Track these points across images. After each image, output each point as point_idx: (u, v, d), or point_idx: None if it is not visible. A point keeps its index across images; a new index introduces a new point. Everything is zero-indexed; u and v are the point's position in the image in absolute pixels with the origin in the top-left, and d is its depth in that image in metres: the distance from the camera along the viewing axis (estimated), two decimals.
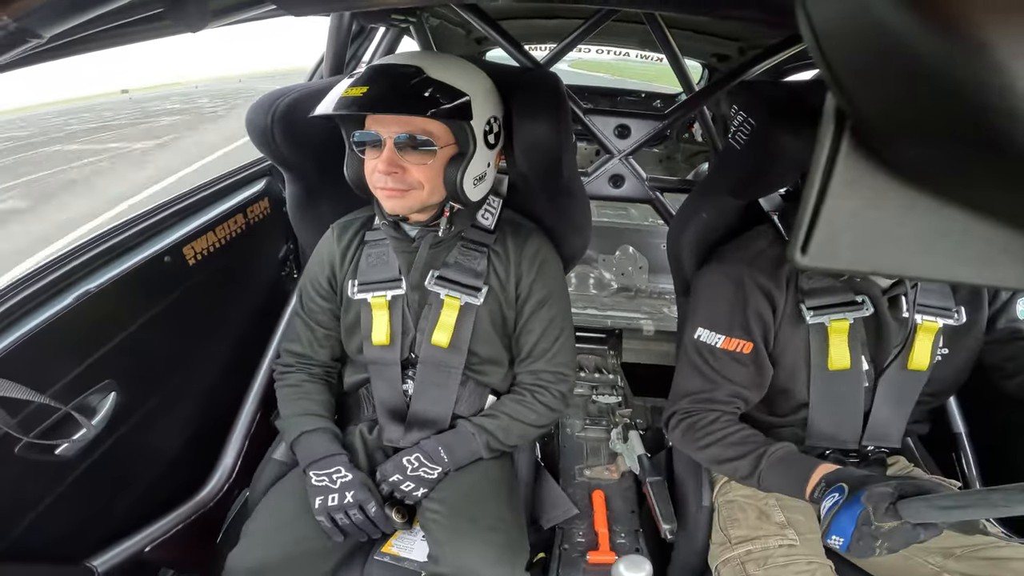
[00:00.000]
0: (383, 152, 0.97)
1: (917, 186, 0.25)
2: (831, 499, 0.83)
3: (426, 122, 0.97)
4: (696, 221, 1.19)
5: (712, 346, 1.04)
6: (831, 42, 0.23)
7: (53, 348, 1.00)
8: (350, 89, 0.93)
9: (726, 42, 2.41)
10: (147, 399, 1.21)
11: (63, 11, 0.43)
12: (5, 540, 0.94)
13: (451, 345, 1.11)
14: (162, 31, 0.65)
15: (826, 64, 0.23)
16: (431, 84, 0.93)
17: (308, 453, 1.09)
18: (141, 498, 1.23)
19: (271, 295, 1.63)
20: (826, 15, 0.22)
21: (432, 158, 0.99)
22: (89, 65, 2.35)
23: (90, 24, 0.48)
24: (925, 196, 0.25)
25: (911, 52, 0.18)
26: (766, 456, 0.97)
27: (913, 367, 1.04)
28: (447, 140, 0.99)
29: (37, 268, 1.04)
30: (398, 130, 0.96)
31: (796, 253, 0.27)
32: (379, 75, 0.94)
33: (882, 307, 1.02)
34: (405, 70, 0.94)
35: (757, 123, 0.95)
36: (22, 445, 0.93)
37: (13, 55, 0.42)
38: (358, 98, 0.91)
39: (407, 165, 0.98)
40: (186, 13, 0.61)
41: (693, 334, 1.07)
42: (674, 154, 3.48)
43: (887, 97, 0.21)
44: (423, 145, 0.97)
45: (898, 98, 0.21)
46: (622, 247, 2.61)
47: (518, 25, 2.39)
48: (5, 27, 0.38)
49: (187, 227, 1.31)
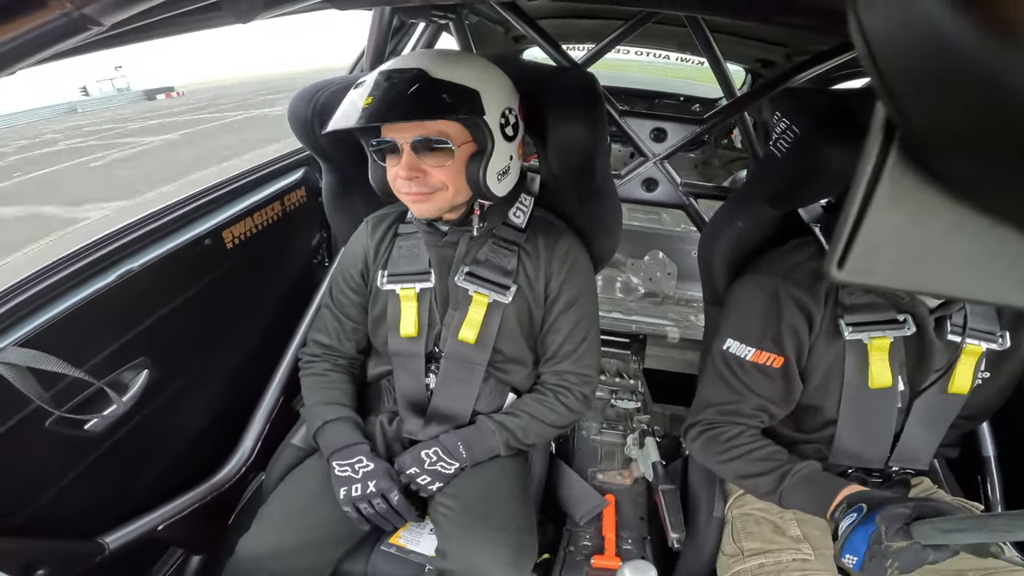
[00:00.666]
0: (402, 158, 0.97)
1: (967, 203, 0.24)
2: (849, 518, 0.84)
3: (440, 123, 0.95)
4: (731, 229, 1.16)
5: (741, 358, 1.02)
6: (883, 49, 0.22)
7: (93, 324, 1.02)
8: (360, 100, 0.92)
9: (772, 47, 2.34)
10: (176, 378, 1.23)
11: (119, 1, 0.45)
12: (24, 514, 0.96)
13: (477, 342, 1.11)
14: (215, 21, 0.68)
15: (877, 72, 0.22)
16: (436, 85, 0.91)
17: (331, 442, 1.11)
18: (160, 477, 1.26)
19: (302, 282, 1.67)
20: (879, 21, 0.21)
21: (451, 158, 0.97)
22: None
23: (148, 13, 0.50)
24: (975, 214, 0.24)
25: (968, 60, 0.17)
26: (791, 474, 0.95)
27: (953, 391, 1.00)
28: (464, 138, 0.98)
29: (85, 245, 1.08)
30: (412, 134, 0.95)
31: (832, 267, 0.26)
32: (383, 83, 0.92)
33: (927, 327, 0.98)
34: (407, 74, 0.91)
35: (801, 131, 0.92)
36: (53, 419, 0.95)
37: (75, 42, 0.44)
38: (365, 110, 0.90)
39: (427, 168, 0.97)
40: (238, 3, 0.63)
41: (722, 345, 1.05)
42: (711, 160, 3.41)
43: (941, 108, 0.21)
44: (439, 146, 0.96)
45: (953, 109, 0.20)
46: (652, 252, 2.57)
47: (556, 24, 2.38)
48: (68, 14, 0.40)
49: (227, 212, 1.36)
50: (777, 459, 0.99)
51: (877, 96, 0.24)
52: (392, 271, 1.15)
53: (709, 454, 1.05)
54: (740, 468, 1.01)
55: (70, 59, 0.57)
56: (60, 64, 0.56)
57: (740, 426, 1.03)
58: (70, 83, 33.00)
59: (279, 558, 1.00)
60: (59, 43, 0.43)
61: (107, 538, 1.11)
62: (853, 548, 0.80)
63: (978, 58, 0.17)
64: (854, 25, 0.23)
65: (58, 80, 31.94)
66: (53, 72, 2.53)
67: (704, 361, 1.28)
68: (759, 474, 0.98)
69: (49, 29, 0.40)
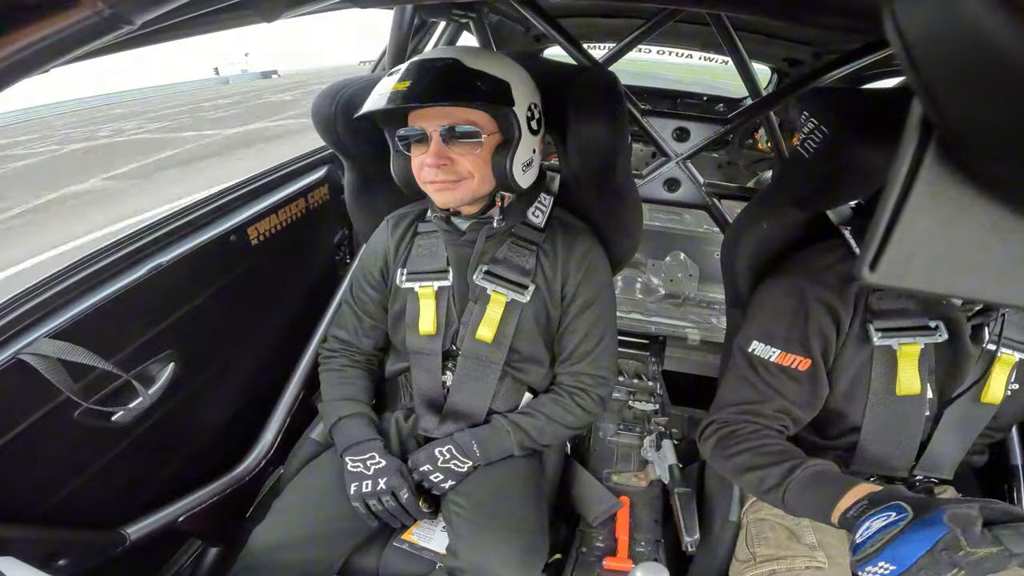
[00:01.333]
0: (430, 146, 0.98)
1: (1006, 206, 0.23)
2: (882, 519, 0.70)
3: (469, 112, 0.98)
4: (755, 231, 1.14)
5: (766, 360, 0.99)
6: (922, 47, 0.21)
7: (122, 317, 1.05)
8: (395, 84, 0.94)
9: (799, 46, 2.29)
10: (200, 372, 1.26)
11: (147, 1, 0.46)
12: (47, 504, 0.99)
13: (494, 341, 1.11)
14: (242, 20, 0.69)
15: (915, 71, 0.22)
16: (470, 73, 0.94)
17: (345, 438, 1.13)
18: (182, 469, 1.28)
19: (324, 278, 1.69)
20: (917, 19, 0.21)
21: (479, 147, 0.99)
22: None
23: (177, 12, 0.51)
24: (1014, 217, 0.23)
25: (1012, 59, 0.16)
26: (801, 467, 0.88)
27: (987, 400, 0.97)
28: (492, 128, 1.00)
29: (117, 240, 1.11)
30: (442, 122, 0.97)
31: (864, 269, 0.25)
32: (418, 70, 0.95)
33: (963, 334, 0.95)
34: (443, 62, 0.95)
35: (830, 131, 0.90)
36: (81, 411, 0.97)
37: (107, 40, 0.45)
38: (401, 92, 0.92)
39: (455, 156, 0.99)
40: (262, 3, 0.64)
41: (747, 346, 1.02)
42: (735, 160, 3.35)
43: (982, 107, 0.20)
44: (469, 136, 0.98)
45: (993, 108, 0.19)
46: (673, 253, 2.54)
47: (577, 23, 2.36)
48: (100, 13, 0.40)
49: (253, 209, 1.38)
50: (792, 454, 0.93)
51: (914, 95, 0.23)
52: (411, 269, 1.16)
53: (720, 451, 1.00)
54: (747, 461, 0.95)
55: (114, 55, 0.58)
56: (186, 50, 0.58)
57: (758, 425, 0.99)
58: (193, 65, 38.60)
59: (289, 549, 1.02)
60: (92, 41, 0.44)
61: (128, 529, 1.13)
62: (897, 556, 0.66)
63: (1020, 55, 0.16)
64: (890, 23, 0.22)
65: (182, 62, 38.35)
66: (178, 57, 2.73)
67: (725, 363, 1.25)
68: (766, 465, 0.92)
69: (82, 28, 0.41)
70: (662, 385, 2.05)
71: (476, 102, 0.95)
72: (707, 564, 1.15)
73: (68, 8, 0.39)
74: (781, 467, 0.90)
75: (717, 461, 1.03)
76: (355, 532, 1.09)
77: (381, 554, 1.10)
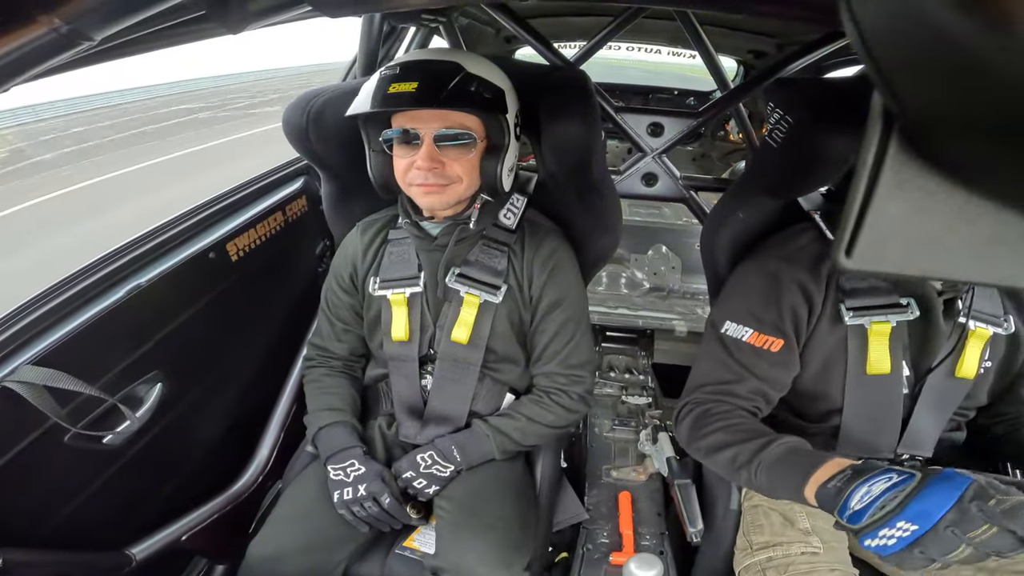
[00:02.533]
0: (422, 148, 0.98)
1: (970, 189, 0.24)
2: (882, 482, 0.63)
3: (464, 117, 0.99)
4: (732, 221, 1.16)
5: (739, 340, 1.00)
6: (877, 39, 0.21)
7: (104, 340, 1.03)
8: (397, 85, 0.93)
9: (763, 39, 2.34)
10: (190, 391, 1.24)
11: (112, 14, 0.45)
12: (50, 526, 0.98)
13: (470, 342, 1.12)
14: (205, 33, 0.68)
15: (872, 62, 0.22)
16: (474, 80, 0.95)
17: (326, 447, 1.13)
18: (180, 488, 1.27)
19: (308, 291, 1.67)
20: (871, 10, 0.21)
21: (471, 152, 1.01)
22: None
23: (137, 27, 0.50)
24: (979, 199, 0.24)
25: (962, 49, 0.17)
26: (776, 442, 0.85)
27: (961, 375, 0.99)
28: (482, 134, 1.02)
29: (92, 262, 1.09)
30: (438, 125, 0.97)
31: (840, 255, 0.26)
32: (422, 71, 0.95)
33: (935, 310, 0.97)
34: (447, 66, 0.95)
35: (794, 120, 0.92)
36: (71, 435, 0.96)
37: (65, 57, 0.44)
38: (411, 93, 0.92)
39: (446, 160, 0.99)
40: (228, 15, 0.63)
41: (720, 327, 1.03)
42: (709, 152, 3.40)
43: (938, 96, 0.20)
44: (462, 139, 0.99)
45: (949, 97, 0.20)
46: (655, 246, 2.57)
47: (548, 23, 2.38)
48: (57, 30, 0.39)
49: (230, 224, 1.36)
50: (765, 431, 0.90)
51: (873, 85, 0.24)
52: (384, 277, 1.17)
53: (695, 431, 0.98)
54: (721, 439, 0.92)
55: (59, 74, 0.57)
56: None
57: (732, 405, 0.99)
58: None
59: (287, 560, 1.02)
60: (51, 59, 0.43)
61: (133, 549, 1.12)
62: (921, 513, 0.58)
63: (972, 46, 0.17)
64: (846, 15, 0.22)
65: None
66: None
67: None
68: (740, 442, 0.89)
69: (40, 45, 0.40)
70: (653, 378, 2.07)
71: (479, 108, 0.97)
72: (713, 554, 1.16)
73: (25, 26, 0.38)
74: (754, 443, 0.87)
75: (692, 443, 1.00)
76: (350, 539, 1.09)
77: (385, 562, 1.11)
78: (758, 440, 0.87)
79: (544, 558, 1.24)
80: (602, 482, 1.57)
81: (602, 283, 2.50)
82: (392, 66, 0.97)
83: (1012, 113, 0.17)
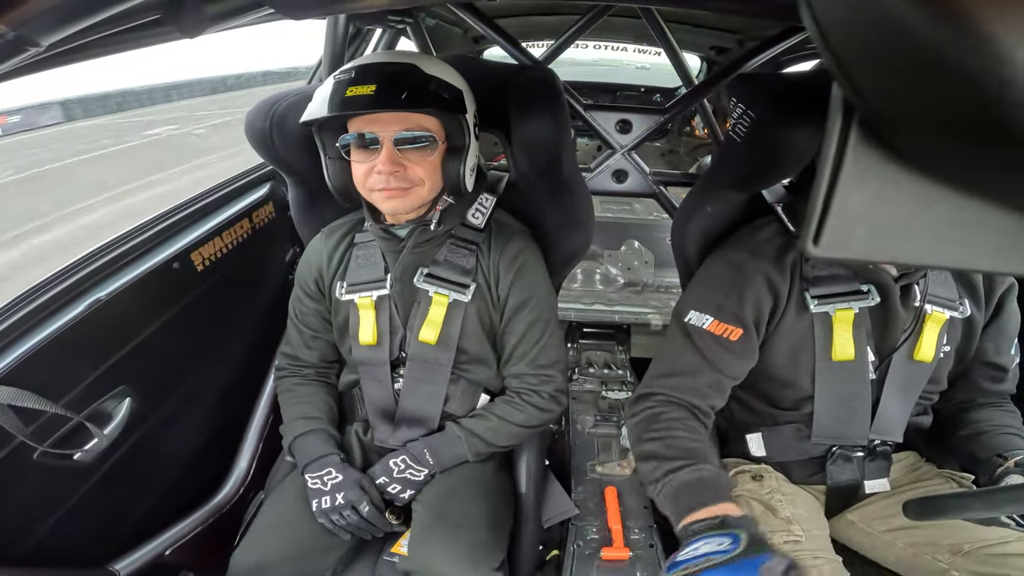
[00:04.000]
0: (382, 152, 0.96)
1: (929, 176, 0.25)
2: (713, 543, 0.70)
3: (423, 119, 0.98)
4: (700, 214, 1.18)
5: (700, 328, 1.01)
6: (836, 33, 0.22)
7: (67, 356, 1.01)
8: (354, 88, 0.90)
9: (725, 35, 2.39)
10: (161, 404, 1.22)
11: (61, 19, 0.43)
12: (29, 544, 0.96)
13: (439, 342, 1.11)
14: (160, 37, 0.65)
15: (831, 55, 0.23)
16: (432, 80, 0.94)
17: (303, 455, 1.12)
18: (160, 502, 1.25)
19: (279, 298, 1.63)
20: (830, 5, 0.22)
21: (432, 153, 1.00)
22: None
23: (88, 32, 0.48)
24: (937, 186, 0.25)
25: (918, 42, 0.18)
26: (690, 468, 0.87)
27: (919, 358, 1.02)
28: (442, 135, 1.01)
29: (49, 277, 1.05)
30: (398, 128, 0.96)
31: (808, 244, 0.27)
32: (378, 74, 0.92)
33: (892, 296, 1.00)
34: (404, 68, 0.94)
35: (756, 115, 0.94)
36: (39, 453, 0.94)
37: (11, 64, 0.42)
38: (370, 96, 0.89)
39: (407, 163, 0.98)
40: (183, 18, 0.61)
41: (684, 316, 1.04)
42: (676, 148, 3.46)
43: (894, 88, 0.21)
44: (422, 141, 0.98)
45: (906, 89, 0.20)
46: (627, 242, 2.60)
47: (517, 23, 2.38)
48: (3, 36, 0.38)
49: (194, 233, 1.32)
50: (695, 455, 0.90)
51: (833, 78, 0.24)
52: (350, 281, 1.15)
53: (640, 431, 0.98)
54: (653, 449, 0.93)
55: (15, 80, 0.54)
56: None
57: (686, 410, 0.99)
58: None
59: (270, 570, 1.01)
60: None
61: (117, 565, 1.11)
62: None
63: (927, 39, 0.17)
64: (805, 10, 0.23)
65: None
66: None
67: None
68: (666, 458, 0.90)
69: None
70: (632, 372, 2.10)
71: (439, 109, 0.96)
72: None
73: None
74: (674, 463, 0.89)
75: (635, 445, 1.01)
76: (334, 547, 1.08)
77: (373, 569, 1.10)
78: (678, 461, 0.88)
79: (535, 557, 1.24)
80: (587, 478, 1.58)
81: (577, 280, 2.52)
82: (347, 70, 0.94)
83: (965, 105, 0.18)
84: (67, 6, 0.43)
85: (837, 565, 0.98)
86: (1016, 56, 0.16)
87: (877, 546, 1.08)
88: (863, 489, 1.09)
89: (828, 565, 0.97)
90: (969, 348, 1.07)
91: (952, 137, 0.21)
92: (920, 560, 1.00)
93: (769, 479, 1.12)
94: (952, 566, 0.96)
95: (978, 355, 1.08)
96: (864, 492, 1.10)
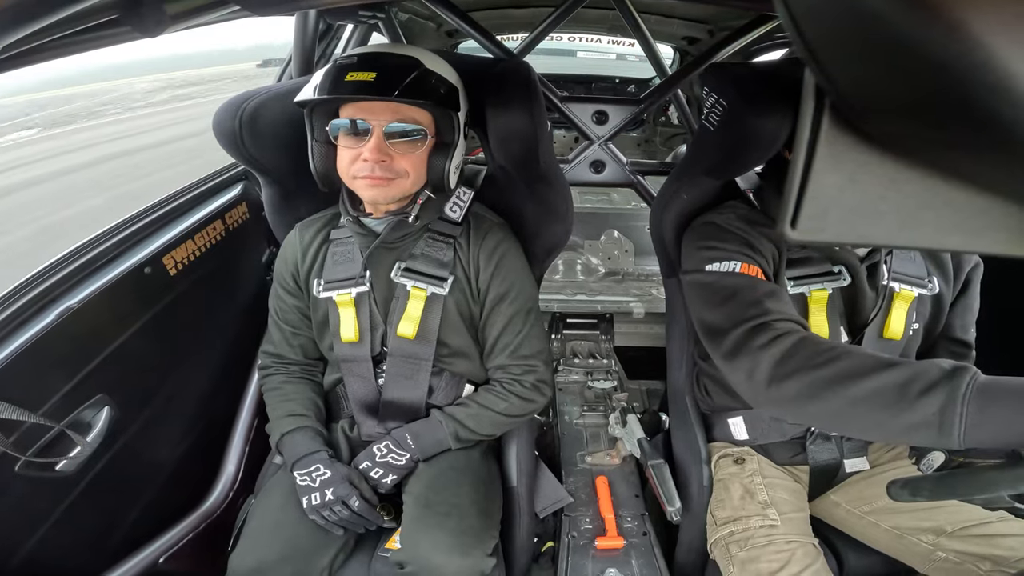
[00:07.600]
0: (370, 140, 0.97)
1: (899, 159, 0.25)
2: None
3: (416, 112, 0.99)
4: (677, 202, 1.19)
5: (731, 271, 0.92)
6: (807, 20, 0.22)
7: (41, 366, 0.99)
8: (354, 74, 0.92)
9: (696, 25, 2.41)
10: (142, 411, 1.20)
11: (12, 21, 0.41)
12: (18, 555, 0.95)
13: (418, 336, 1.11)
14: (119, 38, 0.63)
15: (803, 42, 0.23)
16: (432, 75, 0.97)
17: (291, 453, 1.12)
18: (150, 509, 1.23)
19: (258, 299, 1.60)
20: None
21: (420, 147, 1.01)
22: None
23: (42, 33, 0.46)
24: (907, 168, 0.25)
25: (888, 29, 0.18)
26: (967, 373, 0.63)
27: (889, 335, 1.04)
28: (432, 130, 1.02)
29: (15, 287, 1.02)
30: (390, 118, 0.96)
31: (786, 227, 0.27)
32: (380, 63, 0.95)
33: (860, 276, 1.02)
34: (406, 61, 0.96)
35: (728, 104, 0.95)
36: (21, 463, 0.93)
37: None
38: (368, 83, 0.91)
39: (395, 154, 0.98)
40: (143, 18, 0.59)
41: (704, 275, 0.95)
42: (652, 137, 3.49)
43: (865, 73, 0.21)
44: (413, 135, 0.99)
45: (876, 74, 0.21)
46: (607, 232, 2.62)
47: (489, 16, 2.36)
48: None
49: (165, 236, 1.28)
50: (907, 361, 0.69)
51: (805, 64, 0.25)
52: (328, 278, 1.15)
53: (803, 360, 0.75)
54: (850, 365, 0.70)
55: None
56: None
57: (798, 332, 0.81)
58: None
59: (268, 571, 1.01)
60: None
61: (111, 575, 1.10)
62: None
63: (895, 26, 0.18)
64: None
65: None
66: None
67: (672, 330, 1.28)
68: (882, 367, 0.67)
69: None
70: (616, 361, 2.12)
71: (434, 103, 0.98)
72: (693, 529, 1.20)
73: None
74: (912, 368, 0.65)
75: (801, 378, 0.76)
76: (328, 544, 1.07)
77: (369, 564, 1.10)
78: (916, 366, 0.65)
79: (530, 550, 1.25)
80: (577, 469, 1.59)
81: (559, 271, 2.53)
82: (349, 56, 0.96)
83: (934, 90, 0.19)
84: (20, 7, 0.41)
85: (811, 548, 0.99)
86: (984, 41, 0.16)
87: (862, 527, 1.09)
88: (843, 468, 1.11)
89: (802, 549, 0.98)
90: (937, 326, 1.10)
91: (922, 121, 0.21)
92: (905, 543, 1.01)
93: (751, 462, 1.14)
94: (937, 547, 0.97)
95: (944, 331, 1.11)
96: (845, 472, 1.11)
